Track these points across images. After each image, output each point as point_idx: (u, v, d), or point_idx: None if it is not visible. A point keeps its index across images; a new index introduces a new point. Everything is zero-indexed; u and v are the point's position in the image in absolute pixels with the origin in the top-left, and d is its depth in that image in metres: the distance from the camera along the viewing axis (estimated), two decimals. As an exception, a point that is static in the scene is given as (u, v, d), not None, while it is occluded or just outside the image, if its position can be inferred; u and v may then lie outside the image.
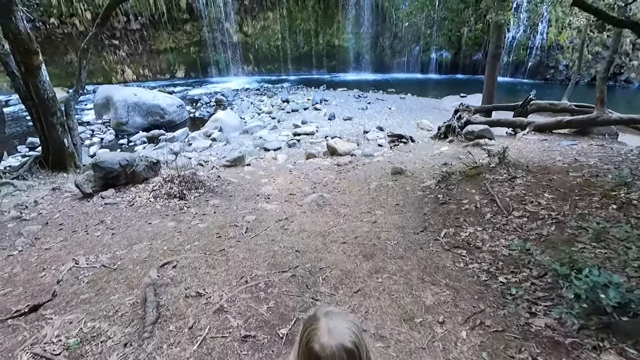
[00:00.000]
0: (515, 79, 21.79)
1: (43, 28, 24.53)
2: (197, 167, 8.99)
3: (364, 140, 11.73)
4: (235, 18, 25.74)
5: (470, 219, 4.28)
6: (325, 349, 0.91)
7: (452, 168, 6.85)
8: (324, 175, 7.28)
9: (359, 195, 5.81)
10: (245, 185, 6.74)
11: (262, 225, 4.84)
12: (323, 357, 0.91)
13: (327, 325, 0.95)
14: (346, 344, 0.92)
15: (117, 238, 4.83)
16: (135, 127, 13.66)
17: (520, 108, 9.76)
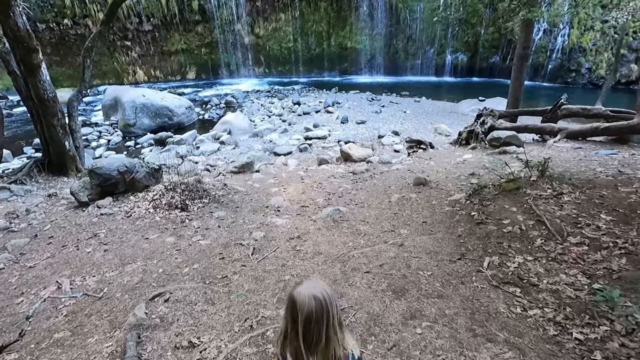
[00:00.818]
0: (534, 83, 20.83)
1: (57, 29, 24.46)
2: (203, 172, 8.45)
3: (379, 146, 11.06)
4: (247, 19, 25.33)
5: (516, 244, 3.59)
6: (300, 294, 1.19)
7: (481, 179, 6.15)
8: (339, 184, 6.65)
9: (380, 210, 5.15)
10: (253, 195, 6.15)
11: (271, 244, 4.22)
12: (298, 300, 1.18)
13: (306, 283, 1.26)
14: (316, 294, 1.18)
15: (109, 256, 4.27)
16: (143, 128, 13.24)
17: (550, 113, 8.97)
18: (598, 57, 19.51)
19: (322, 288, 1.22)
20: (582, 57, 19.79)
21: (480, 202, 4.75)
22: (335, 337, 1.21)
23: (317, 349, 1.19)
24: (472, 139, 9.43)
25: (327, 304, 1.18)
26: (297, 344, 1.18)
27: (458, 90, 20.29)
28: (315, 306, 1.16)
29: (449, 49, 22.96)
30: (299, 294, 1.19)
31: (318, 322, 1.17)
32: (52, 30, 24.31)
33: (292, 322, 1.20)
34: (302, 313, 1.16)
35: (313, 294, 1.18)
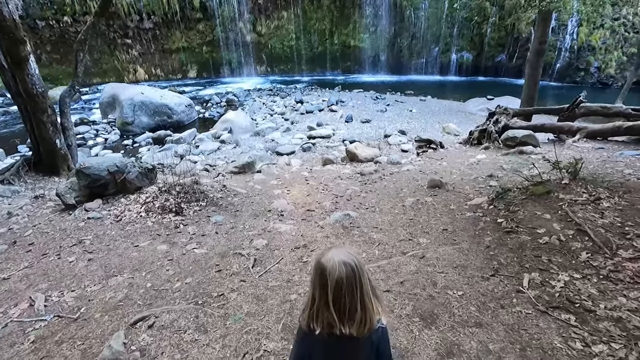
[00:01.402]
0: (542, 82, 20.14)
1: (57, 27, 24.00)
2: (201, 172, 7.97)
3: (386, 145, 10.55)
4: (249, 17, 24.87)
5: (557, 258, 3.09)
6: (329, 260, 1.11)
7: (501, 181, 5.65)
8: (346, 186, 6.15)
9: (393, 215, 4.66)
10: (254, 198, 5.65)
11: (275, 255, 3.73)
12: (327, 267, 1.10)
13: (333, 249, 1.17)
14: (347, 260, 1.11)
15: (93, 266, 3.79)
16: (142, 127, 12.77)
17: (567, 111, 8.46)
18: (607, 56, 18.97)
19: (351, 254, 1.15)
20: (591, 55, 19.25)
21: (506, 207, 4.25)
22: (370, 304, 1.14)
23: (353, 319, 1.11)
24: (484, 139, 8.93)
25: (359, 269, 1.12)
26: (329, 313, 1.10)
27: (463, 89, 19.77)
28: (346, 272, 1.09)
29: (454, 48, 22.43)
30: (328, 260, 1.12)
31: (350, 289, 1.10)
32: (52, 28, 23.87)
33: (321, 291, 1.12)
34: (332, 280, 1.09)
35: (343, 260, 1.11)
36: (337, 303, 1.09)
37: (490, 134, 8.60)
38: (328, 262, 1.11)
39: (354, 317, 1.10)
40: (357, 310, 1.10)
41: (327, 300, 1.09)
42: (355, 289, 1.10)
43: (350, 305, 1.10)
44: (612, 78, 18.89)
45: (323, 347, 1.16)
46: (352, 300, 1.09)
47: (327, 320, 1.11)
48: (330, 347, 1.15)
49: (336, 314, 1.10)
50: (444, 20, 22.21)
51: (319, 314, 1.12)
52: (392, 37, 23.77)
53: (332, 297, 1.08)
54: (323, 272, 1.11)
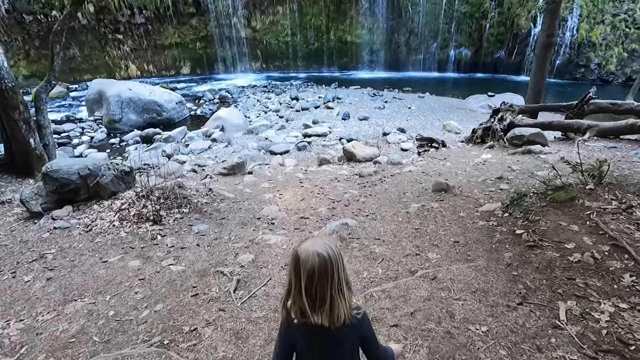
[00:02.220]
0: (541, 79, 19.85)
1: (45, 21, 23.16)
2: (189, 174, 7.42)
3: (385, 144, 10.04)
4: (244, 12, 24.15)
5: (594, 281, 2.59)
6: (304, 250, 1.11)
7: (512, 184, 5.16)
8: (344, 189, 5.63)
9: (397, 224, 4.14)
10: (243, 203, 5.11)
11: (262, 274, 3.20)
12: (302, 257, 1.10)
13: (311, 239, 1.18)
14: (320, 251, 1.10)
15: (52, 287, 3.25)
16: (130, 125, 12.14)
17: (576, 108, 7.98)
18: (608, 52, 18.55)
19: (328, 245, 1.14)
20: (591, 52, 18.81)
21: (524, 216, 3.75)
22: (341, 297, 1.12)
23: (322, 309, 1.11)
24: (488, 137, 8.44)
25: (332, 261, 1.11)
26: (301, 302, 1.11)
27: (462, 86, 19.29)
28: (318, 262, 1.09)
29: (452, 44, 21.91)
30: (303, 250, 1.13)
31: (321, 280, 1.09)
32: (40, 23, 23.03)
33: (295, 280, 1.13)
34: (305, 269, 1.09)
35: (317, 251, 1.11)
36: (309, 292, 1.10)
37: (495, 132, 8.10)
38: (303, 252, 1.12)
39: (323, 308, 1.11)
40: (326, 302, 1.11)
41: (300, 288, 1.10)
42: (327, 280, 1.10)
43: (320, 295, 1.10)
44: (613, 75, 18.47)
45: (304, 338, 1.17)
46: (322, 290, 1.10)
47: (300, 308, 1.12)
48: (310, 337, 1.16)
49: (308, 302, 1.10)
50: (442, 16, 21.66)
51: (295, 301, 1.14)
52: (389, 33, 23.17)
53: (305, 286, 1.09)
54: (297, 261, 1.12)
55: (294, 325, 1.16)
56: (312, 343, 1.17)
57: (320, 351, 1.17)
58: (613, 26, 18.48)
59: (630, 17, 18.33)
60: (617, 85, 18.29)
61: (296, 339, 1.18)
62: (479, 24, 21.12)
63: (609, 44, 18.54)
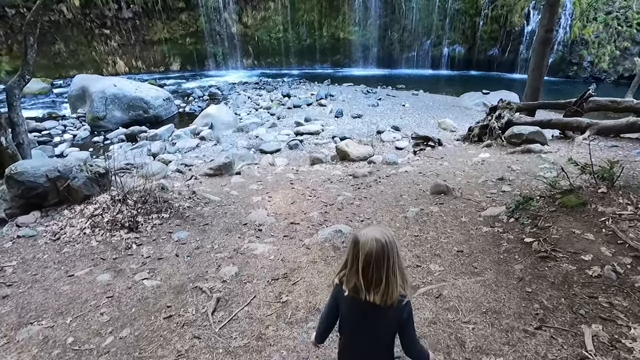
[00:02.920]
0: (534, 76, 19.72)
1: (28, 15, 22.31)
2: (173, 174, 7.00)
3: (379, 142, 9.71)
4: (235, 8, 23.60)
5: (619, 300, 2.29)
6: (363, 235, 1.23)
7: (515, 185, 4.87)
8: (337, 191, 5.28)
9: (395, 230, 3.81)
10: (229, 207, 4.74)
11: (245, 290, 2.85)
12: (361, 241, 1.22)
13: (371, 227, 1.28)
14: (378, 237, 1.21)
15: (7, 307, 2.86)
16: (114, 122, 11.62)
17: (575, 106, 7.74)
18: (601, 50, 18.47)
19: (385, 233, 1.24)
20: (584, 49, 18.72)
21: (532, 222, 3.45)
22: (394, 280, 1.22)
23: (377, 289, 1.21)
24: (485, 135, 8.17)
25: (389, 247, 1.20)
26: (357, 280, 1.23)
27: (456, 83, 19.06)
28: (376, 247, 1.19)
29: (446, 41, 21.67)
30: (363, 235, 1.23)
31: (378, 263, 1.19)
32: (23, 17, 22.16)
33: (353, 260, 1.24)
34: (364, 252, 1.20)
35: (376, 237, 1.21)
36: (365, 273, 1.21)
37: (492, 131, 7.83)
38: (362, 237, 1.23)
39: (379, 288, 1.21)
40: (381, 283, 1.20)
41: (357, 269, 1.22)
42: (383, 264, 1.19)
43: (376, 277, 1.20)
44: (605, 72, 18.41)
45: (349, 305, 1.31)
46: (378, 273, 1.20)
47: (354, 285, 1.25)
48: (355, 307, 1.28)
49: (363, 282, 1.22)
50: (436, 13, 21.40)
51: (350, 278, 1.26)
52: (382, 29, 22.84)
53: (362, 267, 1.20)
54: (357, 244, 1.23)
55: (344, 296, 1.29)
56: (357, 315, 1.30)
57: (362, 323, 1.30)
58: (606, 24, 18.40)
59: (622, 15, 18.26)
60: (610, 83, 18.24)
61: (342, 302, 1.32)
62: (473, 21, 20.91)
63: (602, 42, 18.46)
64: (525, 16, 19.74)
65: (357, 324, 1.34)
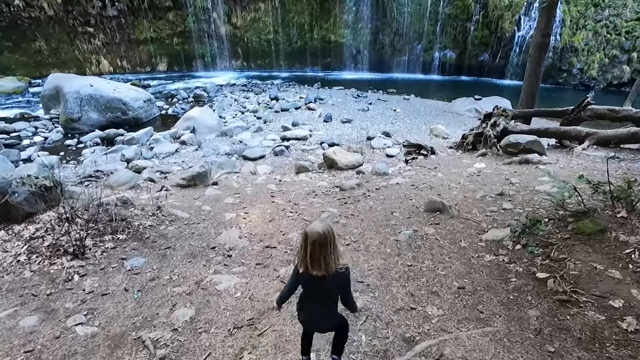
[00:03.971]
0: (524, 83, 19.53)
1: (7, 11, 21.30)
2: (144, 183, 6.36)
3: (369, 149, 9.21)
4: (224, 8, 22.93)
5: (669, 369, 1.78)
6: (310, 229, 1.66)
7: (516, 201, 4.39)
8: (322, 206, 4.73)
9: (384, 257, 3.28)
10: (198, 226, 4.14)
11: (200, 345, 2.27)
12: (309, 234, 1.65)
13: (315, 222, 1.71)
14: (320, 230, 1.64)
15: None
16: (90, 124, 10.89)
17: (572, 114, 7.37)
18: (590, 58, 18.38)
19: (326, 227, 1.66)
20: (573, 57, 18.61)
21: (543, 250, 2.95)
22: (331, 259, 1.66)
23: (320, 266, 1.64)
24: (479, 144, 7.73)
25: (328, 237, 1.64)
26: (306, 261, 1.66)
27: (447, 88, 18.75)
28: (318, 237, 1.63)
29: (437, 46, 21.38)
30: (310, 229, 1.65)
31: (321, 247, 1.63)
32: (1, 13, 21.15)
33: (303, 248, 1.67)
34: (311, 241, 1.63)
35: (318, 230, 1.64)
36: (312, 255, 1.64)
37: (487, 139, 7.40)
38: (310, 230, 1.65)
39: (319, 266, 1.65)
40: (322, 262, 1.64)
41: (306, 254, 1.65)
42: (324, 249, 1.63)
43: (318, 258, 1.64)
44: (594, 80, 18.32)
45: (304, 279, 1.74)
46: (319, 255, 1.64)
47: (305, 264, 1.68)
48: (307, 279, 1.71)
49: (310, 262, 1.65)
50: (427, 17, 21.10)
51: (303, 260, 1.69)
52: (373, 33, 22.45)
53: (309, 252, 1.64)
54: (306, 236, 1.66)
55: (300, 273, 1.73)
56: (310, 285, 1.74)
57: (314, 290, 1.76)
58: (595, 32, 18.34)
59: (611, 23, 18.22)
60: (599, 91, 18.11)
61: (301, 280, 1.76)
62: (464, 26, 20.66)
63: (591, 50, 18.38)
64: (516, 22, 19.56)
65: (310, 291, 1.78)
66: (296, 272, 1.76)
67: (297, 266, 1.74)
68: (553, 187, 5.04)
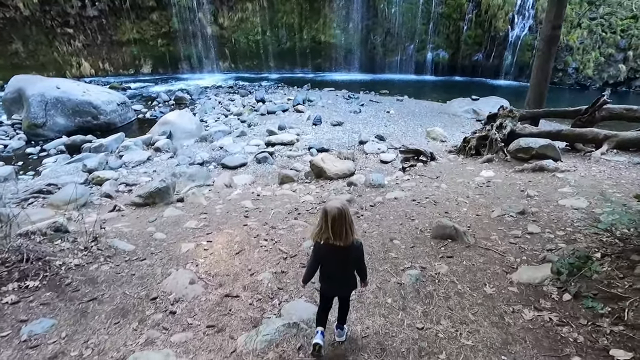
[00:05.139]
0: (519, 83, 18.85)
1: (-18, 11, 20.02)
2: (99, 201, 5.36)
3: (361, 154, 8.32)
4: (210, 8, 21.92)
5: None
6: (329, 207, 1.87)
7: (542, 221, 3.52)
8: (304, 230, 3.79)
9: (385, 313, 2.36)
10: (141, 264, 3.17)
11: None
12: (328, 210, 1.85)
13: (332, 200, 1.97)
14: (338, 206, 1.86)
15: None
16: (57, 130, 9.82)
17: (586, 114, 6.56)
18: (585, 57, 17.77)
19: (343, 203, 1.90)
20: (569, 55, 17.99)
21: (611, 308, 2.05)
22: (350, 230, 1.87)
23: (341, 237, 1.84)
24: (483, 148, 6.88)
25: (345, 212, 1.84)
26: (328, 233, 1.85)
27: (441, 89, 18.00)
28: (337, 212, 1.82)
29: (430, 45, 20.63)
30: (329, 207, 1.86)
31: (340, 220, 1.82)
32: None
33: (324, 222, 1.85)
34: (331, 216, 1.82)
35: (337, 206, 1.85)
36: (333, 228, 1.83)
37: (493, 143, 6.54)
38: (329, 207, 1.86)
39: (342, 236, 1.84)
40: (342, 233, 1.84)
41: (327, 227, 1.84)
42: (343, 221, 1.83)
43: (339, 229, 1.83)
44: (590, 79, 17.71)
45: (326, 249, 1.91)
46: (340, 227, 1.83)
47: (326, 236, 1.86)
48: (329, 249, 1.89)
49: (332, 234, 1.84)
50: (419, 17, 20.34)
51: (323, 234, 1.87)
52: (364, 33, 21.62)
53: (331, 225, 1.82)
54: (326, 212, 1.85)
55: (321, 246, 1.92)
56: (332, 254, 1.92)
57: (336, 259, 1.95)
58: (590, 30, 17.74)
59: (606, 21, 17.64)
60: (595, 90, 17.52)
61: (322, 253, 1.95)
62: (457, 25, 19.96)
63: (586, 48, 17.77)
64: (509, 21, 18.90)
65: (331, 261, 1.98)
66: (317, 246, 1.95)
67: (317, 240, 1.92)
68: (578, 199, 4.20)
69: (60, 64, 21.94)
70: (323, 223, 1.84)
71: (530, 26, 18.75)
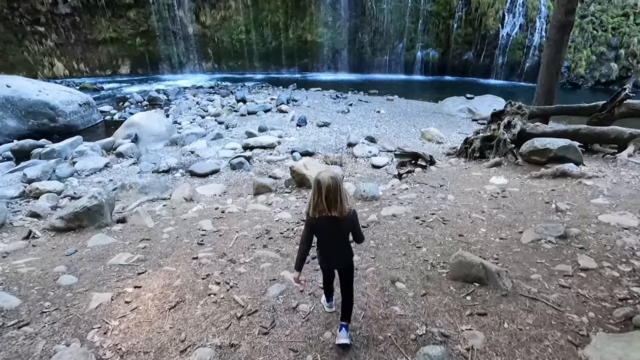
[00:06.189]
0: (510, 82, 18.24)
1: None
2: (20, 223, 4.20)
3: (350, 158, 7.32)
4: (191, 5, 20.71)
5: None
6: (322, 177, 1.79)
7: (590, 247, 2.62)
8: (274, 266, 2.74)
9: None
10: (16, 334, 2.06)
11: None
12: (321, 181, 1.78)
13: (324, 171, 1.85)
14: (331, 176, 1.79)
15: None
16: (7, 133, 8.55)
17: (604, 111, 5.69)
18: (577, 55, 17.21)
19: (334, 173, 1.81)
20: (560, 54, 17.36)
21: None
22: (345, 199, 1.81)
23: (335, 208, 1.78)
24: (489, 150, 5.95)
25: (337, 182, 1.78)
26: (323, 205, 1.78)
27: (431, 89, 17.21)
28: (331, 183, 1.77)
29: (419, 44, 19.83)
30: (321, 177, 1.79)
31: (334, 191, 1.77)
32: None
33: (318, 194, 1.79)
34: (324, 187, 1.76)
35: (330, 176, 1.78)
36: (327, 199, 1.76)
37: (501, 144, 5.61)
38: (322, 178, 1.78)
39: (336, 207, 1.78)
40: (337, 203, 1.78)
41: (322, 198, 1.77)
42: (336, 192, 1.77)
43: (333, 200, 1.77)
44: (582, 78, 17.17)
45: (321, 221, 1.82)
46: (334, 197, 1.77)
47: (321, 208, 1.78)
48: (324, 221, 1.81)
49: (326, 205, 1.77)
50: (408, 15, 19.53)
51: (317, 206, 1.79)
52: (352, 32, 20.72)
53: (325, 196, 1.76)
54: (319, 183, 1.78)
55: (315, 219, 1.83)
56: (326, 227, 1.85)
57: (330, 231, 1.87)
58: (581, 28, 17.19)
59: (597, 19, 17.12)
60: (587, 89, 16.99)
61: (315, 226, 1.87)
62: (446, 23, 19.22)
63: (578, 47, 17.22)
64: (499, 19, 18.24)
65: (326, 234, 1.90)
66: (310, 221, 1.87)
67: (311, 214, 1.84)
68: (622, 214, 3.26)
69: (31, 64, 20.39)
70: (317, 195, 1.81)
71: (521, 24, 18.15)
